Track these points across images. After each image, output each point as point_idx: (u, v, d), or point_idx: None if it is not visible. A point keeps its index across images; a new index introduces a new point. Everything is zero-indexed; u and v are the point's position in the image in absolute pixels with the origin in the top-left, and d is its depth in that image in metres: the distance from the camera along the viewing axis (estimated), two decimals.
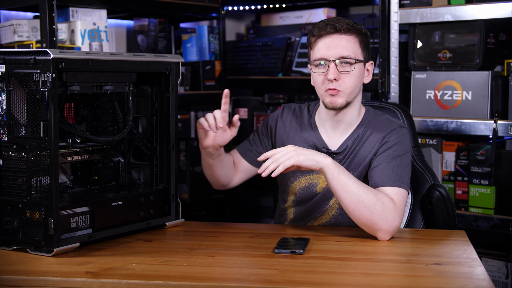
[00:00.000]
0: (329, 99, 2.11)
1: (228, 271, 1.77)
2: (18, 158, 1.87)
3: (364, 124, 2.19)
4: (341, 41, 2.09)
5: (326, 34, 2.10)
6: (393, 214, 1.98)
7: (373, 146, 2.15)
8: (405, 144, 2.15)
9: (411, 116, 2.48)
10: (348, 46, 2.09)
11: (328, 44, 2.09)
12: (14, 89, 1.86)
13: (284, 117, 2.30)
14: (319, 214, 2.22)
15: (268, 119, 2.35)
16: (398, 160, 2.10)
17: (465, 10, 2.77)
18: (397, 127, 2.17)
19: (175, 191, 2.19)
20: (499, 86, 2.73)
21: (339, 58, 2.08)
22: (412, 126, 2.44)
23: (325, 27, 2.10)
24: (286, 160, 1.96)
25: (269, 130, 2.32)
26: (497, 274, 2.90)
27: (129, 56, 2.05)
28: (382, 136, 2.15)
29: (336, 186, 1.99)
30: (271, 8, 3.78)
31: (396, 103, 2.55)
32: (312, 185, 2.21)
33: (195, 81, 3.39)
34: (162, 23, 3.31)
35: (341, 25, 2.09)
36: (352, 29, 2.10)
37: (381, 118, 2.22)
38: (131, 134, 2.22)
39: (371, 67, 2.19)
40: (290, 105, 2.33)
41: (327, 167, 1.98)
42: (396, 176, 2.07)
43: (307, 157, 1.98)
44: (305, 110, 2.30)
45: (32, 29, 2.72)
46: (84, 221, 1.94)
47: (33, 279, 1.65)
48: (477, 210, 2.81)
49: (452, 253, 1.87)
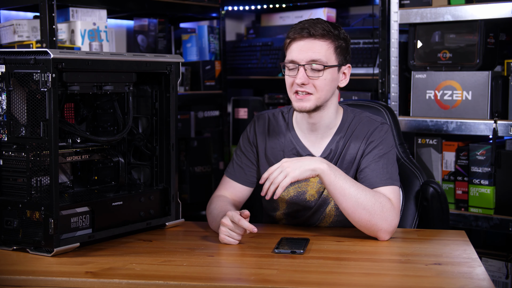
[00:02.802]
0: (297, 104, 2.08)
1: (228, 271, 1.77)
2: (18, 158, 1.87)
3: (344, 125, 2.17)
4: (314, 46, 2.05)
5: (300, 37, 2.06)
6: (391, 213, 1.98)
7: (359, 147, 2.13)
8: (389, 141, 2.14)
9: (396, 115, 2.49)
10: (321, 51, 2.05)
11: (301, 48, 2.06)
12: (14, 89, 1.86)
13: (260, 128, 2.26)
14: (317, 223, 2.21)
15: (246, 134, 2.28)
16: (385, 158, 2.10)
17: (465, 10, 2.76)
18: (378, 124, 2.16)
19: (175, 191, 2.19)
20: (499, 86, 2.73)
21: (309, 61, 2.05)
22: (396, 124, 2.46)
23: (300, 30, 2.07)
24: (283, 180, 1.94)
25: (253, 145, 2.26)
26: (497, 274, 2.90)
27: (129, 56, 2.05)
28: (367, 136, 2.14)
29: (334, 191, 1.98)
30: (271, 8, 3.78)
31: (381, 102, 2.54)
32: (301, 193, 2.18)
33: (195, 81, 3.39)
34: (162, 23, 3.31)
35: (316, 30, 2.05)
36: (328, 34, 2.06)
37: (361, 116, 2.19)
38: (131, 134, 2.22)
39: (348, 71, 2.15)
40: (263, 115, 2.28)
41: (323, 173, 1.97)
42: (387, 175, 2.07)
43: (302, 170, 1.96)
44: (279, 117, 2.25)
45: (32, 29, 2.72)
46: (84, 221, 1.94)
47: (33, 279, 1.65)
48: (477, 210, 2.81)
49: (452, 253, 1.87)
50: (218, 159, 3.56)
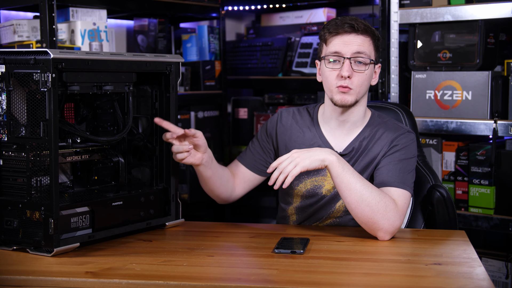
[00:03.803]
0: (340, 96, 2.09)
1: (228, 271, 1.77)
2: (18, 158, 1.87)
3: (371, 125, 2.19)
4: (358, 40, 2.09)
5: (344, 32, 2.09)
6: (394, 214, 1.98)
7: (381, 148, 2.15)
8: (413, 149, 2.16)
9: (413, 116, 2.48)
10: (365, 45, 2.09)
11: (345, 41, 2.09)
12: (14, 89, 1.86)
13: (283, 121, 2.29)
14: (325, 216, 2.21)
15: (266, 125, 2.32)
16: (405, 163, 2.11)
17: (465, 10, 2.77)
18: (405, 131, 2.18)
19: (175, 191, 2.19)
20: (499, 86, 2.73)
21: (355, 53, 2.07)
22: (414, 126, 2.45)
23: (343, 25, 2.09)
24: (292, 169, 1.95)
25: (270, 136, 2.30)
26: (497, 274, 2.90)
27: (129, 56, 2.05)
28: (392, 139, 2.15)
29: (340, 184, 1.99)
30: (271, 8, 3.78)
31: (397, 103, 2.55)
32: (318, 187, 2.20)
33: (195, 81, 3.39)
34: (162, 23, 3.31)
35: (359, 25, 2.08)
36: (369, 30, 2.11)
37: (389, 122, 2.22)
38: (131, 134, 2.22)
39: (378, 70, 2.19)
40: (288, 110, 2.32)
41: (331, 164, 1.98)
42: (401, 179, 2.07)
43: (312, 160, 1.97)
44: (304, 112, 2.29)
45: (32, 29, 2.72)
46: (84, 221, 1.94)
47: (33, 279, 1.65)
48: (477, 210, 2.81)
49: (452, 253, 1.87)
50: (218, 159, 3.55)
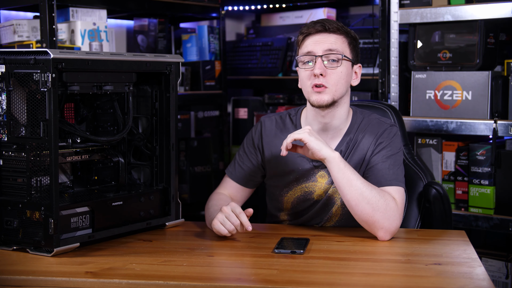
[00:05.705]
0: (315, 97, 2.08)
1: (228, 271, 1.77)
2: (18, 158, 1.87)
3: (354, 127, 2.17)
4: (330, 38, 2.08)
5: (315, 32, 2.09)
6: (395, 213, 1.98)
7: (367, 149, 2.14)
8: (398, 143, 2.15)
9: (401, 115, 2.49)
10: (337, 43, 2.08)
11: (317, 40, 2.09)
12: (14, 89, 1.86)
13: (267, 130, 2.25)
14: (321, 223, 2.20)
15: (251, 135, 2.28)
16: (393, 159, 2.10)
17: (465, 10, 2.77)
18: (388, 126, 2.17)
19: (175, 191, 2.19)
20: (499, 86, 2.73)
21: (326, 51, 2.06)
22: (402, 125, 2.45)
23: (314, 25, 2.10)
24: (296, 134, 1.98)
25: (257, 148, 2.26)
26: (497, 274, 2.90)
27: (129, 56, 2.05)
28: (376, 137, 2.14)
29: (341, 180, 1.98)
30: (271, 8, 3.78)
31: (386, 103, 2.54)
32: (308, 193, 2.18)
33: (195, 81, 3.39)
34: (162, 23, 3.31)
35: (331, 24, 2.09)
36: (341, 29, 2.10)
37: (371, 118, 2.20)
38: (131, 134, 2.22)
39: (359, 70, 2.17)
40: (269, 117, 2.28)
41: (333, 159, 1.98)
42: (393, 175, 2.07)
43: (316, 141, 1.98)
44: (287, 119, 2.25)
45: (32, 29, 2.72)
46: (84, 221, 1.94)
47: (33, 279, 1.65)
48: (477, 210, 2.81)
49: (452, 253, 1.87)
50: (218, 159, 3.56)
